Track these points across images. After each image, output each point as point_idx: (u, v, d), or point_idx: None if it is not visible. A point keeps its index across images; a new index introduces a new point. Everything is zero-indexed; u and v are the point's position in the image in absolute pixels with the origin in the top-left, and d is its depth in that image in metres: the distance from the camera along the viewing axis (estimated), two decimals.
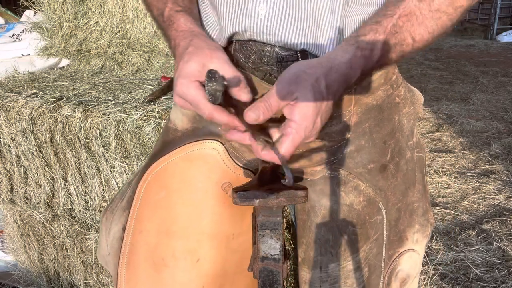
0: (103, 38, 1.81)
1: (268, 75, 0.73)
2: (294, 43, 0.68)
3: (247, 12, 0.68)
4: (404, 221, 0.82)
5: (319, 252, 0.76)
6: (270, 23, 0.67)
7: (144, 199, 0.79)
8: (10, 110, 1.45)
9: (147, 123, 1.21)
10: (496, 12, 7.40)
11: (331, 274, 0.76)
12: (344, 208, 0.75)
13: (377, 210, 0.77)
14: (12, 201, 1.67)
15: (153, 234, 0.78)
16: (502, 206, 2.29)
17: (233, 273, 0.80)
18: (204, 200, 0.76)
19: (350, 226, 0.75)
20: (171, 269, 0.77)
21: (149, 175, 0.79)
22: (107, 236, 0.84)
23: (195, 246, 0.76)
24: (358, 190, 0.75)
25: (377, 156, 0.77)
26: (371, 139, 0.76)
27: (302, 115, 0.58)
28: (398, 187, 0.80)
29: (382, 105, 0.77)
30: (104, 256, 0.86)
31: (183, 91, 0.63)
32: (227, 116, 0.61)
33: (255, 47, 0.71)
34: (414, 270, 0.85)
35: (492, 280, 1.76)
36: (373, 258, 0.79)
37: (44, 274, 1.78)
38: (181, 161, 0.77)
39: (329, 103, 0.60)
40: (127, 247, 0.80)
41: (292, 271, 1.36)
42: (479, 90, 4.37)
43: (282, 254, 0.63)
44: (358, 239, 0.76)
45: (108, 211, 0.86)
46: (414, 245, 0.84)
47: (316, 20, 0.67)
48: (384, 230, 0.79)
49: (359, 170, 0.76)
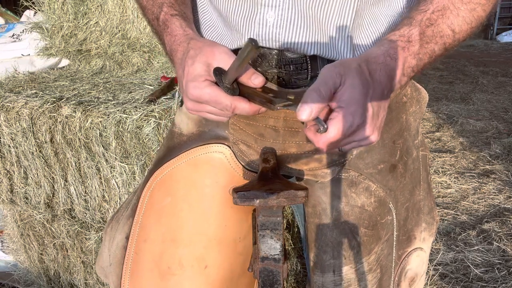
0: (103, 38, 1.81)
1: (276, 77, 0.72)
2: (304, 48, 0.68)
3: (256, 20, 0.67)
4: (412, 220, 0.82)
5: (331, 255, 0.75)
6: (279, 30, 0.67)
7: (149, 206, 0.78)
8: (10, 110, 1.45)
9: (147, 123, 1.21)
10: (496, 12, 7.40)
11: (344, 277, 0.75)
12: (356, 210, 0.74)
13: (387, 211, 0.77)
14: (12, 201, 1.67)
15: (158, 242, 0.76)
16: (502, 206, 2.29)
17: (238, 276, 0.80)
18: (211, 205, 0.74)
19: (362, 228, 0.75)
20: (178, 277, 0.75)
21: (154, 181, 0.78)
22: (110, 245, 0.82)
23: (203, 252, 0.75)
24: (369, 191, 0.75)
25: (387, 156, 0.76)
26: (380, 139, 0.75)
27: (349, 98, 0.53)
28: (406, 186, 0.80)
29: (391, 105, 0.76)
30: (104, 267, 0.83)
31: (198, 93, 0.61)
32: (249, 104, 0.60)
33: (262, 50, 0.71)
34: (422, 268, 0.85)
35: (492, 280, 1.76)
36: (384, 259, 0.79)
37: (44, 274, 1.78)
38: (187, 166, 0.75)
39: (376, 90, 0.56)
40: (131, 256, 0.78)
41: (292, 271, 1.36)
42: (479, 90, 4.37)
43: (282, 254, 0.63)
44: (371, 240, 0.75)
45: (113, 220, 0.84)
46: (421, 244, 0.84)
47: (325, 25, 0.67)
48: (394, 230, 0.79)
49: (370, 171, 0.75)
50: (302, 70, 0.72)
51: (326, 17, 0.67)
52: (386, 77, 0.58)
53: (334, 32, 0.68)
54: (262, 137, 0.75)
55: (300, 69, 0.72)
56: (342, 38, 0.69)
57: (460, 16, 0.64)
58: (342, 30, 0.68)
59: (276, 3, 0.66)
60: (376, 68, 0.57)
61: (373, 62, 0.57)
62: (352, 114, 0.53)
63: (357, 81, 0.53)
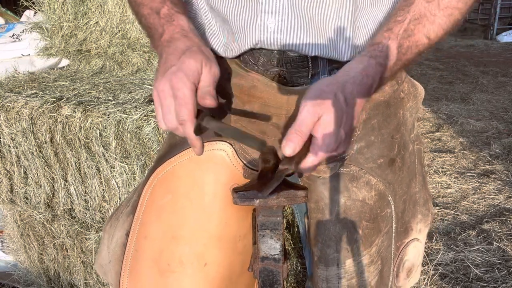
0: (103, 38, 1.81)
1: (277, 76, 0.73)
2: (305, 50, 0.69)
3: (256, 26, 0.68)
4: (409, 212, 0.84)
5: (335, 249, 0.76)
6: (280, 35, 0.68)
7: (150, 203, 0.78)
8: (10, 110, 1.45)
9: (147, 123, 1.21)
10: (496, 12, 7.40)
11: (347, 270, 0.77)
12: (358, 204, 0.76)
13: (387, 204, 0.79)
14: (12, 201, 1.67)
15: (158, 239, 0.76)
16: (502, 206, 2.29)
17: (237, 275, 0.80)
18: (213, 203, 0.75)
19: (364, 221, 0.76)
20: (177, 274, 0.75)
21: (155, 178, 0.78)
22: (109, 243, 0.82)
23: (203, 250, 0.75)
24: (369, 185, 0.76)
25: (386, 151, 0.78)
26: (380, 135, 0.78)
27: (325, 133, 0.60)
28: (404, 179, 0.82)
29: (389, 100, 0.79)
30: (103, 265, 0.83)
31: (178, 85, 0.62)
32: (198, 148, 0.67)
33: (264, 50, 0.72)
34: (418, 259, 0.87)
35: (492, 280, 1.76)
36: (385, 251, 0.81)
37: (44, 274, 1.78)
38: (189, 163, 0.76)
39: (350, 115, 0.62)
40: (131, 253, 0.78)
41: (292, 271, 1.36)
42: (479, 90, 4.36)
43: (282, 254, 0.63)
44: (372, 233, 0.77)
45: (113, 218, 0.84)
46: (418, 235, 0.86)
47: (324, 27, 0.68)
48: (393, 223, 0.81)
49: (370, 165, 0.77)
50: (303, 69, 0.73)
51: (325, 20, 0.68)
52: (361, 95, 0.63)
53: (333, 34, 0.69)
54: (264, 134, 0.76)
55: (301, 67, 0.73)
56: (342, 38, 0.70)
57: (436, 23, 0.66)
58: (341, 31, 0.69)
59: (277, 9, 0.67)
60: (353, 89, 0.62)
61: (350, 83, 0.62)
62: (326, 147, 0.60)
63: (332, 116, 0.60)
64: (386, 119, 0.78)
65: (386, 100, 0.78)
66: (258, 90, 0.74)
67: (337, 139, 0.61)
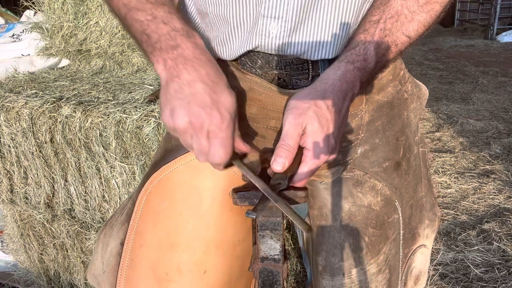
0: (103, 38, 1.81)
1: (276, 79, 0.72)
2: (306, 55, 0.69)
3: (258, 30, 0.67)
4: (416, 217, 0.81)
5: (341, 257, 0.74)
6: (281, 41, 0.67)
7: (145, 211, 0.75)
8: (10, 110, 1.45)
9: (147, 123, 1.21)
10: (496, 12, 7.39)
11: (354, 280, 0.74)
12: (363, 210, 0.73)
13: (394, 209, 0.76)
14: (12, 201, 1.67)
15: (155, 248, 0.73)
16: (502, 206, 2.29)
17: (236, 279, 0.79)
18: (211, 208, 0.72)
19: (370, 228, 0.74)
20: (176, 283, 0.72)
21: (151, 184, 0.75)
22: (104, 252, 0.79)
23: (202, 257, 0.73)
24: (375, 190, 0.74)
25: (391, 154, 0.76)
26: (384, 137, 0.75)
27: (314, 142, 0.60)
28: (410, 183, 0.79)
29: (392, 101, 0.77)
30: (96, 275, 0.80)
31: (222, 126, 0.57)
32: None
33: (262, 53, 0.70)
34: (425, 265, 0.85)
35: (492, 280, 1.76)
36: (392, 259, 0.78)
37: (44, 274, 1.78)
38: (186, 168, 0.73)
39: (335, 121, 0.61)
40: (126, 263, 0.75)
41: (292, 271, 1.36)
42: (479, 90, 4.36)
43: (282, 254, 0.63)
44: (379, 240, 0.74)
45: (107, 226, 0.81)
46: (425, 241, 0.83)
47: (327, 32, 0.67)
48: (400, 229, 0.78)
49: (375, 169, 0.74)
50: (303, 71, 0.71)
51: (328, 25, 0.67)
52: (346, 101, 0.63)
53: (337, 38, 0.68)
54: (264, 138, 0.74)
55: (301, 70, 0.71)
56: (344, 43, 0.69)
57: (415, 20, 0.64)
58: (345, 35, 0.68)
59: (280, 14, 0.65)
60: (334, 98, 0.61)
61: (330, 92, 0.61)
62: (318, 155, 0.60)
63: (317, 125, 0.60)
64: (391, 120, 0.76)
65: (390, 101, 0.76)
66: (256, 92, 0.73)
67: (329, 146, 0.61)
